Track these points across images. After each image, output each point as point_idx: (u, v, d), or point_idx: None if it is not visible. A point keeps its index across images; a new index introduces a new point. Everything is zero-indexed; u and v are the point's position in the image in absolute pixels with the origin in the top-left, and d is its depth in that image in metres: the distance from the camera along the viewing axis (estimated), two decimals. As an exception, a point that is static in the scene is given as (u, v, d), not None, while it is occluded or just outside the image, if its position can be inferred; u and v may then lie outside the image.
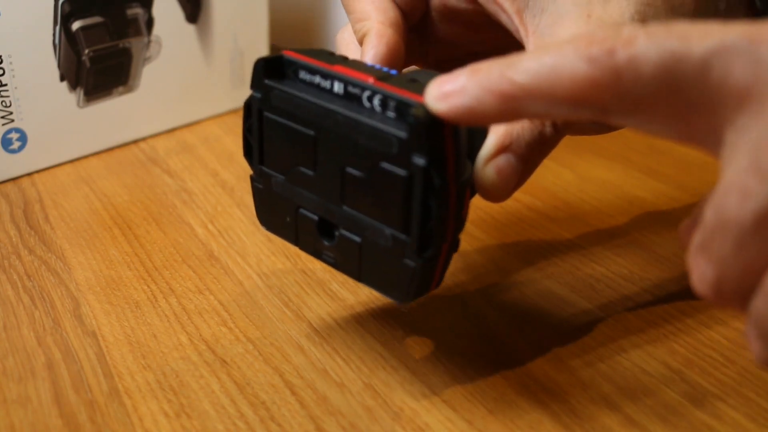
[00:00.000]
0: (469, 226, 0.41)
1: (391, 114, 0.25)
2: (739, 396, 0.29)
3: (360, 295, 0.35)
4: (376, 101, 0.26)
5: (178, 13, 0.51)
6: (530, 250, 0.39)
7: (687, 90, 0.20)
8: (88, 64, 0.48)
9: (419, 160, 0.25)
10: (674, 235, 0.40)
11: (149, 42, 0.50)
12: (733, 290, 0.21)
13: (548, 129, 0.28)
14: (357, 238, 0.28)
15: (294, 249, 0.39)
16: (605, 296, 0.35)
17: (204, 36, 0.53)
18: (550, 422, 0.28)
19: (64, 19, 0.46)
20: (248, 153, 0.31)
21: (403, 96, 0.25)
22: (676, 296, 0.35)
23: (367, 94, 0.26)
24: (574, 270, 0.37)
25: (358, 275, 0.28)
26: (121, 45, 0.49)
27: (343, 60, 0.28)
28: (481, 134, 0.28)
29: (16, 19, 0.44)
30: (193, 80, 0.54)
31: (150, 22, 0.50)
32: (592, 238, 0.40)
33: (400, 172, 0.25)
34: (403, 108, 0.25)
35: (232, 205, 0.43)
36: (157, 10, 0.50)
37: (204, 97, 0.55)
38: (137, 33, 0.50)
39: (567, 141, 0.50)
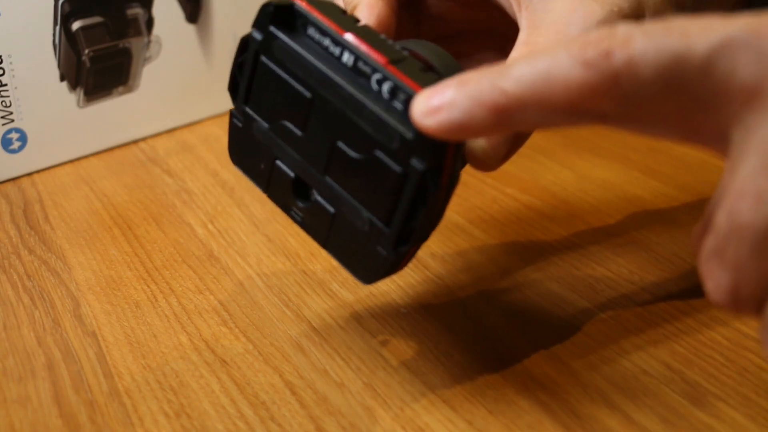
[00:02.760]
0: (468, 225, 0.41)
1: (398, 105, 0.24)
2: (739, 396, 0.29)
3: (360, 295, 0.35)
4: (386, 88, 0.25)
5: (178, 13, 0.51)
6: (530, 249, 0.39)
7: (690, 90, 0.20)
8: (88, 64, 0.48)
9: (418, 165, 0.24)
10: (674, 234, 0.40)
11: (149, 42, 0.50)
12: (751, 296, 0.20)
13: None
14: (331, 209, 0.27)
15: (294, 249, 0.39)
16: (605, 296, 0.35)
17: (204, 36, 0.53)
18: (550, 422, 0.28)
19: (64, 19, 0.46)
20: (233, 89, 0.29)
21: (415, 90, 0.24)
22: (676, 296, 0.35)
23: (377, 77, 0.25)
24: (573, 270, 0.37)
25: (324, 242, 0.28)
26: (121, 45, 0.49)
27: (355, 24, 0.27)
28: None
29: (16, 19, 0.44)
30: (193, 80, 0.54)
31: (150, 22, 0.50)
32: (591, 237, 0.40)
33: (396, 167, 0.25)
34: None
35: (232, 205, 0.43)
36: (157, 10, 0.50)
37: (204, 97, 0.55)
38: (137, 33, 0.50)
39: (567, 141, 0.50)
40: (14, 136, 0.46)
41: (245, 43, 0.28)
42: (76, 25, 0.47)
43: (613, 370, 0.30)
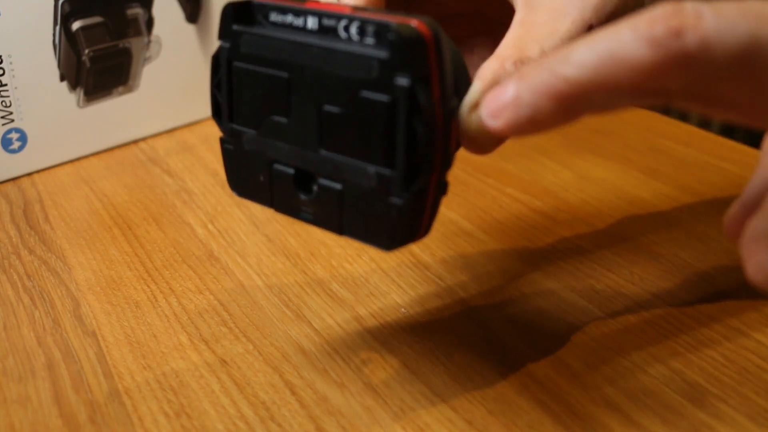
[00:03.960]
0: (469, 226, 0.41)
1: (370, 40, 0.24)
2: (739, 396, 0.29)
3: (360, 295, 0.35)
4: (353, 29, 0.24)
5: (178, 13, 0.51)
6: (530, 250, 0.39)
7: (766, 74, 0.19)
8: (88, 64, 0.48)
9: (402, 80, 0.23)
10: (674, 235, 0.40)
11: (149, 42, 0.50)
12: None
13: None
14: (337, 185, 0.26)
15: (294, 249, 0.39)
16: (605, 296, 0.35)
17: (204, 36, 0.53)
18: (550, 422, 0.28)
19: (64, 19, 0.46)
20: (217, 113, 0.29)
21: (383, 19, 0.24)
22: (677, 296, 0.35)
23: (343, 23, 0.25)
24: (574, 270, 0.37)
25: (340, 227, 0.27)
26: (121, 45, 0.49)
27: (316, 0, 0.27)
28: (464, 79, 0.26)
29: (16, 19, 0.44)
30: (193, 80, 0.54)
31: (150, 22, 0.50)
32: (591, 237, 0.40)
33: (382, 98, 0.24)
34: (382, 30, 0.24)
35: (232, 205, 0.43)
36: (157, 10, 0.50)
37: (204, 97, 0.54)
38: (137, 33, 0.50)
39: (567, 141, 0.50)
40: (14, 136, 0.46)
41: (216, 59, 0.28)
42: (76, 25, 0.47)
43: (613, 370, 0.30)
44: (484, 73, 0.26)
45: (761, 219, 0.20)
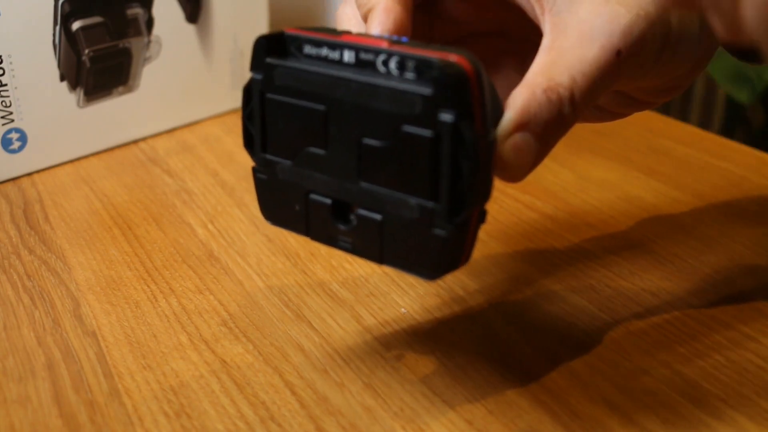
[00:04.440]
0: (469, 226, 0.41)
1: (410, 75, 0.24)
2: (739, 396, 0.29)
3: (360, 295, 0.35)
4: (393, 64, 0.24)
5: (178, 13, 0.51)
6: (530, 250, 0.39)
7: None
8: (88, 64, 0.48)
9: (447, 116, 0.23)
10: (674, 235, 0.40)
11: (149, 42, 0.50)
12: None
13: (566, 108, 0.27)
14: (377, 216, 0.26)
15: (294, 249, 0.39)
16: (605, 296, 0.35)
17: (204, 36, 0.53)
18: (550, 422, 0.28)
19: (64, 19, 0.46)
20: (249, 143, 0.29)
21: (423, 55, 0.24)
22: (677, 296, 0.35)
23: (382, 58, 0.24)
24: (574, 270, 0.37)
25: (380, 257, 0.27)
26: (121, 45, 0.49)
27: (349, 32, 0.27)
28: (497, 107, 0.26)
29: (16, 19, 0.44)
30: (193, 80, 0.54)
31: (150, 22, 0.50)
32: (592, 238, 0.40)
33: (426, 133, 0.24)
34: (423, 66, 0.24)
35: (232, 205, 0.43)
36: (157, 10, 0.50)
37: (204, 97, 0.55)
38: (137, 33, 0.50)
39: (567, 141, 0.50)
40: (14, 136, 0.46)
41: (248, 91, 0.28)
42: (76, 25, 0.47)
43: (613, 370, 0.30)
44: (515, 102, 0.26)
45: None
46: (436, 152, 0.24)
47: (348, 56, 0.25)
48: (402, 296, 0.35)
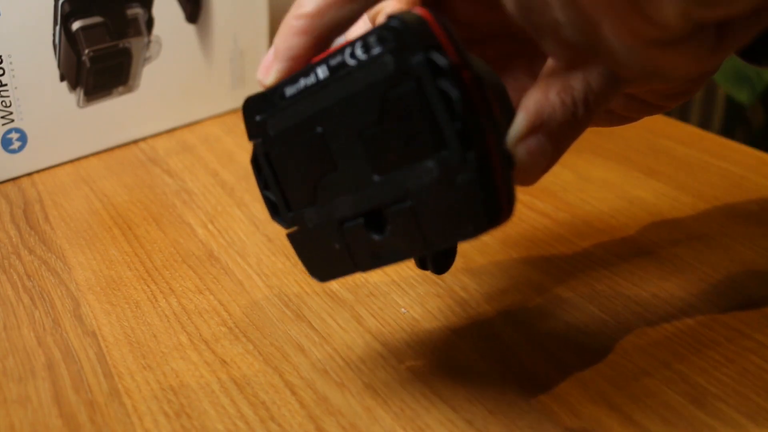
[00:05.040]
0: (469, 226, 0.41)
1: (376, 48, 0.24)
2: (739, 396, 0.29)
3: (360, 295, 0.35)
4: (359, 51, 0.24)
5: (178, 13, 0.51)
6: (530, 250, 0.39)
7: None
8: (88, 64, 0.48)
9: (417, 58, 0.23)
10: (674, 235, 0.40)
11: (149, 42, 0.50)
12: None
13: (580, 110, 0.26)
14: (405, 204, 0.25)
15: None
16: (605, 296, 0.35)
17: (204, 36, 0.53)
18: (550, 422, 0.28)
19: (64, 19, 0.46)
20: (275, 211, 0.29)
21: (379, 25, 0.24)
22: (677, 296, 0.35)
23: (348, 51, 0.25)
24: (574, 270, 0.37)
25: (425, 243, 0.25)
26: (121, 45, 0.49)
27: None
28: (508, 107, 0.26)
29: (16, 19, 0.44)
30: (193, 80, 0.54)
31: (150, 22, 0.50)
32: (592, 238, 0.40)
33: (408, 86, 0.24)
34: (382, 31, 0.24)
35: (232, 205, 0.43)
36: (157, 10, 0.50)
37: (204, 97, 0.55)
38: (137, 33, 0.50)
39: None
40: (14, 136, 0.46)
41: (255, 161, 0.29)
42: (76, 25, 0.47)
43: (614, 370, 0.30)
44: (529, 104, 0.26)
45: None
46: (425, 99, 0.23)
47: (321, 72, 0.26)
48: (402, 296, 0.35)
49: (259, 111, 0.28)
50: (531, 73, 0.31)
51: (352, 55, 0.25)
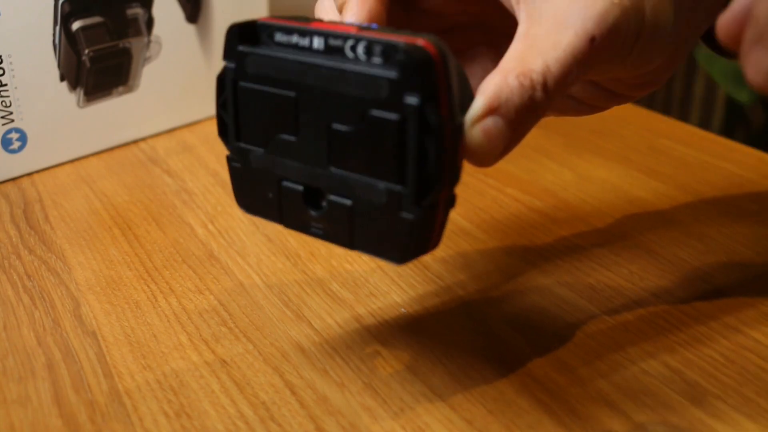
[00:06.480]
0: (468, 225, 0.41)
1: (377, 60, 0.24)
2: (739, 396, 0.29)
3: (360, 295, 0.35)
4: (360, 49, 0.25)
5: (178, 13, 0.51)
6: (530, 250, 0.39)
7: None
8: (88, 64, 0.48)
9: (412, 99, 0.24)
10: (674, 235, 0.40)
11: (149, 42, 0.50)
12: None
13: (539, 93, 0.26)
14: (347, 202, 0.26)
15: (294, 249, 0.39)
16: (605, 296, 0.35)
17: (204, 36, 0.53)
18: (550, 422, 0.28)
19: (64, 19, 0.46)
20: (223, 132, 0.29)
21: (390, 39, 0.24)
22: (676, 296, 0.35)
23: (350, 43, 0.25)
24: (573, 270, 0.37)
25: (350, 242, 0.27)
26: (121, 45, 0.49)
27: (321, 20, 0.27)
28: (467, 93, 0.26)
29: (16, 19, 0.44)
30: (193, 80, 0.54)
31: (150, 22, 0.50)
32: (592, 238, 0.40)
33: (392, 116, 0.24)
34: (390, 51, 0.24)
35: (232, 205, 0.43)
36: (157, 10, 0.50)
37: (204, 97, 0.55)
38: (137, 33, 0.50)
39: (567, 141, 0.50)
40: (14, 136, 0.46)
41: (221, 80, 0.28)
42: (76, 25, 0.47)
43: (613, 370, 0.30)
44: (487, 87, 0.26)
45: (751, 29, 0.22)
46: (402, 136, 0.24)
47: (317, 43, 0.26)
48: (402, 296, 0.35)
49: (244, 41, 0.27)
50: (497, 61, 0.31)
51: (353, 49, 0.25)
